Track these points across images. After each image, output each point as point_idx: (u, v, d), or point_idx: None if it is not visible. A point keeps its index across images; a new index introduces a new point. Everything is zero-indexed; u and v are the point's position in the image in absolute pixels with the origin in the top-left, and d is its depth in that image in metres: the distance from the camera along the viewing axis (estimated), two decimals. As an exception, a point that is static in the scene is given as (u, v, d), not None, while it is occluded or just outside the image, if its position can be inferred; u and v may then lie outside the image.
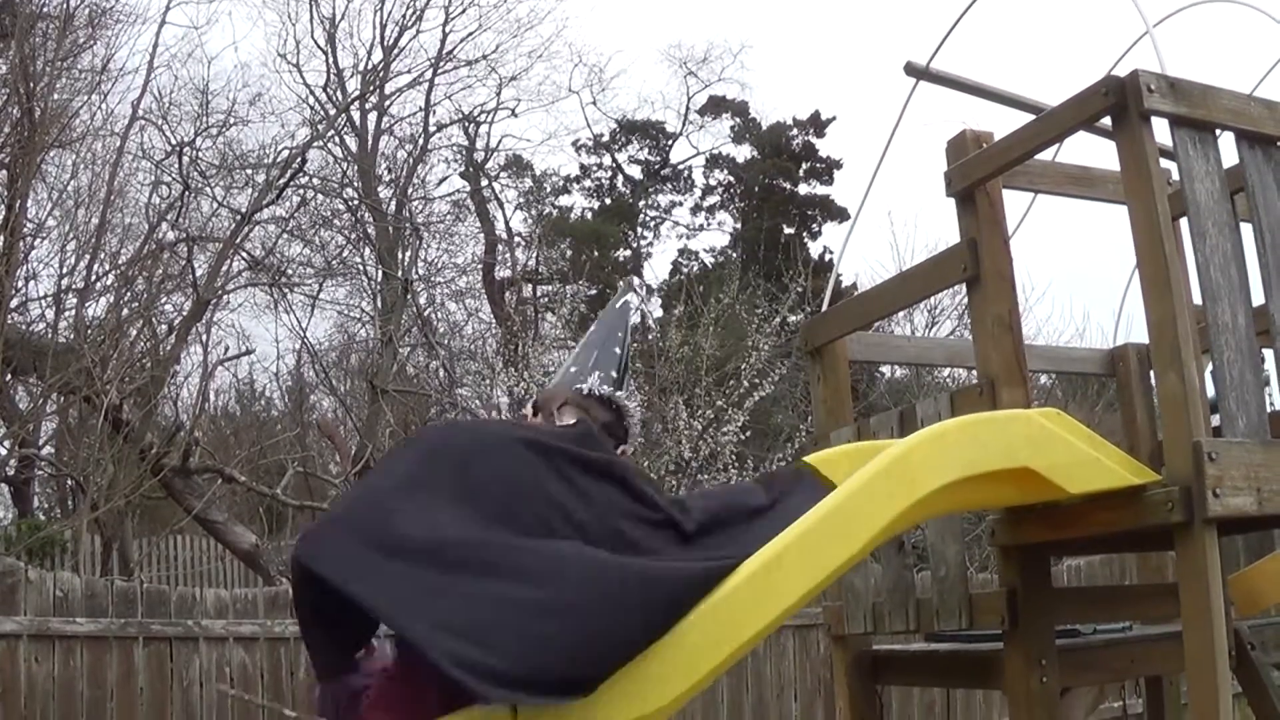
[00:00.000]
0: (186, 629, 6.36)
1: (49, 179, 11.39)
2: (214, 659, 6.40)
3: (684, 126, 26.52)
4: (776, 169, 26.08)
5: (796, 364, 11.92)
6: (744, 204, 26.64)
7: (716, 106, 26.45)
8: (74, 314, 10.88)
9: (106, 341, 9.97)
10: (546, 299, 18.41)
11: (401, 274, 16.56)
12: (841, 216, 25.11)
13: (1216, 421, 2.80)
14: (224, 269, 13.19)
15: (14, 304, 9.73)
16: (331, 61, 18.85)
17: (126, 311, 11.11)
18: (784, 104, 37.98)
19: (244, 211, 13.66)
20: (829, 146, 26.42)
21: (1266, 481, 2.65)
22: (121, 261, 11.95)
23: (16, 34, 9.82)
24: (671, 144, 26.89)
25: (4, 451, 10.92)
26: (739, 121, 26.70)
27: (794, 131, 26.45)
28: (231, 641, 6.43)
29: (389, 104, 19.29)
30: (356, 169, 18.50)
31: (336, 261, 17.10)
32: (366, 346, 17.32)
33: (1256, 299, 2.83)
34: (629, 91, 39.53)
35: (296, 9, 19.10)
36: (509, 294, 18.22)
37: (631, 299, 3.20)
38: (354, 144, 19.13)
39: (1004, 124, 3.35)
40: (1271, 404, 3.58)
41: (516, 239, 21.90)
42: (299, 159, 14.68)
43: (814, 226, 26.10)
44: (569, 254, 21.54)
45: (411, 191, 19.23)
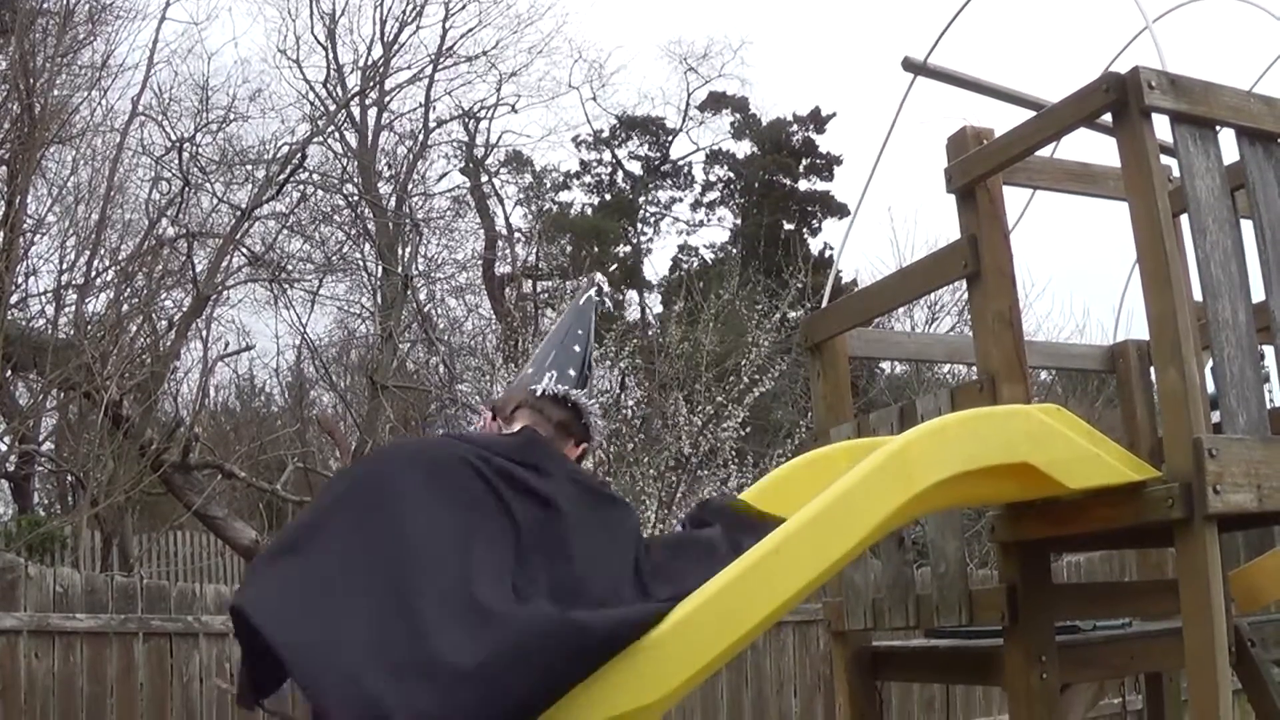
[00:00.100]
0: (186, 625, 6.36)
1: (49, 175, 11.39)
2: (214, 655, 6.41)
3: (684, 122, 26.55)
4: (776, 165, 26.08)
5: (796, 360, 11.92)
6: (744, 200, 26.64)
7: (716, 102, 26.44)
8: (74, 310, 10.88)
9: (106, 337, 9.97)
10: (546, 295, 18.44)
11: (401, 270, 16.55)
12: (841, 212, 25.11)
13: (1217, 418, 2.80)
14: (224, 265, 13.20)
15: (14, 299, 9.72)
16: (331, 57, 18.87)
17: (126, 307, 11.11)
18: (784, 100, 38.04)
19: (244, 207, 13.67)
20: (829, 142, 26.48)
21: (1267, 478, 2.65)
22: (121, 257, 11.95)
23: (17, 30, 9.81)
24: (671, 140, 26.91)
25: (4, 447, 10.94)
26: (739, 117, 26.69)
27: (794, 127, 26.44)
28: (231, 637, 6.42)
29: (389, 100, 19.32)
30: (356, 165, 18.50)
31: (336, 257, 17.09)
32: (366, 342, 17.31)
33: (1257, 295, 2.83)
34: (629, 87, 39.54)
35: (296, 5, 19.07)
36: (509, 290, 18.22)
37: (593, 295, 3.16)
38: (354, 140, 19.14)
39: (1003, 120, 3.35)
40: (1272, 400, 3.59)
41: (516, 235, 21.95)
42: (299, 155, 14.67)
43: (814, 222, 26.11)
44: (569, 250, 21.56)
45: (411, 187, 19.24)
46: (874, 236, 24.72)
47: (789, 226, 24.28)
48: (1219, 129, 2.88)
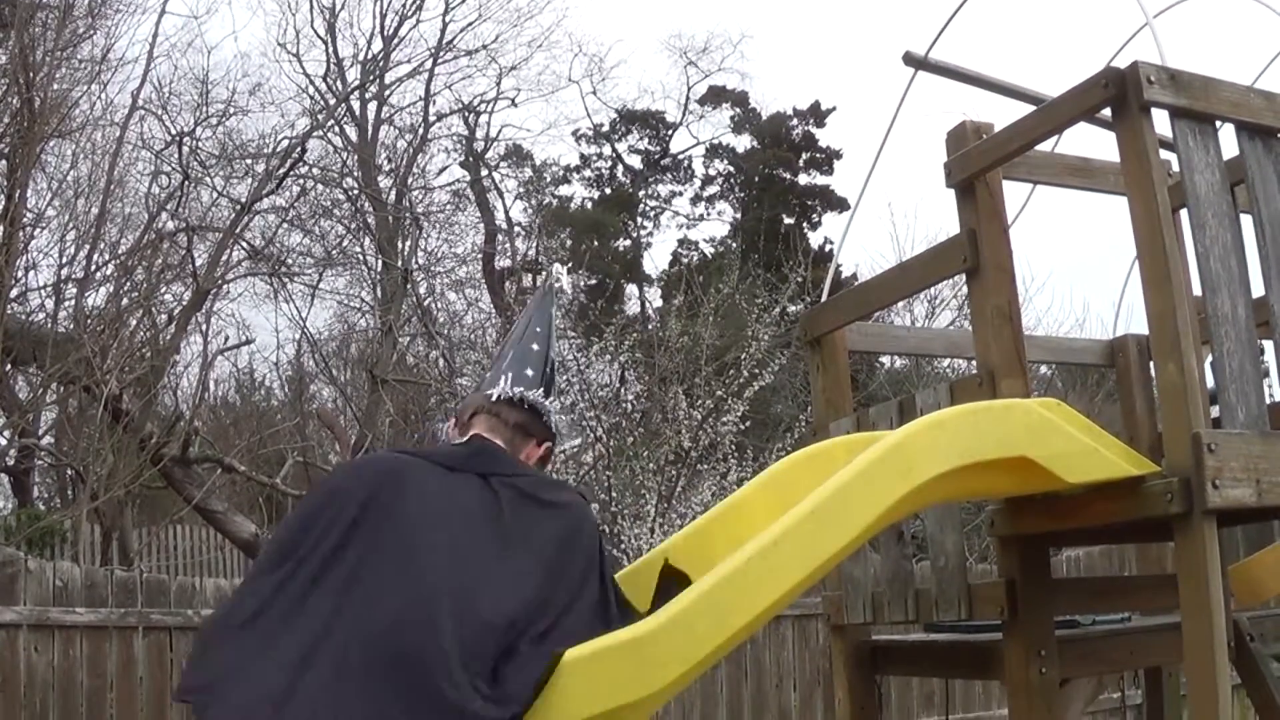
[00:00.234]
0: (186, 619, 6.36)
1: (49, 169, 11.39)
2: (214, 648, 6.41)
3: (684, 116, 26.54)
4: (776, 159, 26.08)
5: (796, 354, 11.91)
6: (744, 194, 26.65)
7: (716, 96, 26.43)
8: (74, 304, 10.89)
9: (106, 331, 9.98)
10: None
11: (401, 264, 16.53)
12: (841, 207, 25.10)
13: (1216, 413, 2.80)
14: (224, 259, 13.20)
15: (14, 294, 9.72)
16: (331, 51, 18.81)
17: (126, 301, 11.12)
18: (784, 94, 38.00)
19: (244, 201, 13.67)
20: (829, 136, 26.48)
21: (1266, 473, 2.65)
22: (121, 251, 11.95)
23: (16, 24, 9.80)
24: (671, 134, 26.90)
25: (4, 441, 10.96)
26: (739, 111, 26.68)
27: (794, 121, 26.44)
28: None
29: (389, 94, 19.25)
30: (356, 159, 18.45)
31: (336, 251, 17.07)
32: (366, 336, 17.29)
33: (1256, 290, 2.83)
34: (629, 81, 39.60)
35: (296, -1, 19.03)
36: (509, 284, 18.19)
37: (553, 286, 3.12)
38: (354, 134, 19.09)
39: (1003, 115, 3.35)
40: (1271, 395, 3.59)
41: (516, 229, 21.90)
42: (299, 149, 14.67)
43: (814, 217, 26.10)
44: (569, 244, 21.53)
45: (411, 181, 19.19)
46: (874, 231, 24.85)
47: (789, 221, 24.29)
48: (1219, 124, 2.88)
